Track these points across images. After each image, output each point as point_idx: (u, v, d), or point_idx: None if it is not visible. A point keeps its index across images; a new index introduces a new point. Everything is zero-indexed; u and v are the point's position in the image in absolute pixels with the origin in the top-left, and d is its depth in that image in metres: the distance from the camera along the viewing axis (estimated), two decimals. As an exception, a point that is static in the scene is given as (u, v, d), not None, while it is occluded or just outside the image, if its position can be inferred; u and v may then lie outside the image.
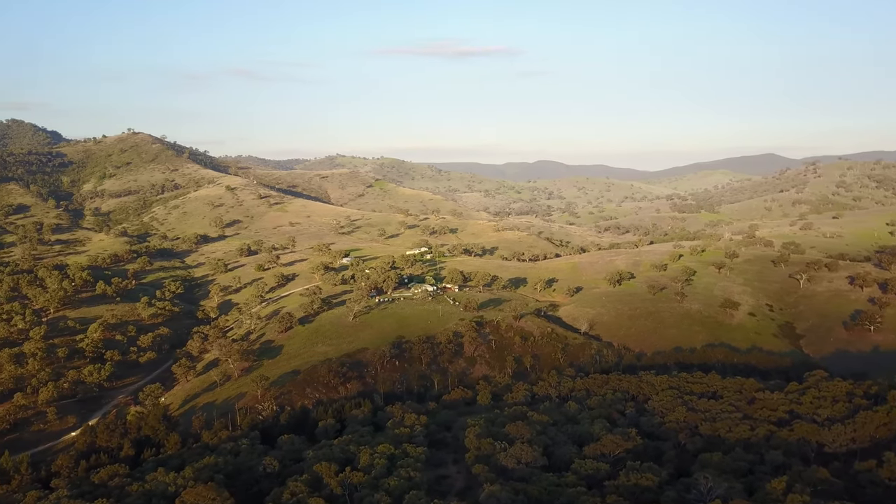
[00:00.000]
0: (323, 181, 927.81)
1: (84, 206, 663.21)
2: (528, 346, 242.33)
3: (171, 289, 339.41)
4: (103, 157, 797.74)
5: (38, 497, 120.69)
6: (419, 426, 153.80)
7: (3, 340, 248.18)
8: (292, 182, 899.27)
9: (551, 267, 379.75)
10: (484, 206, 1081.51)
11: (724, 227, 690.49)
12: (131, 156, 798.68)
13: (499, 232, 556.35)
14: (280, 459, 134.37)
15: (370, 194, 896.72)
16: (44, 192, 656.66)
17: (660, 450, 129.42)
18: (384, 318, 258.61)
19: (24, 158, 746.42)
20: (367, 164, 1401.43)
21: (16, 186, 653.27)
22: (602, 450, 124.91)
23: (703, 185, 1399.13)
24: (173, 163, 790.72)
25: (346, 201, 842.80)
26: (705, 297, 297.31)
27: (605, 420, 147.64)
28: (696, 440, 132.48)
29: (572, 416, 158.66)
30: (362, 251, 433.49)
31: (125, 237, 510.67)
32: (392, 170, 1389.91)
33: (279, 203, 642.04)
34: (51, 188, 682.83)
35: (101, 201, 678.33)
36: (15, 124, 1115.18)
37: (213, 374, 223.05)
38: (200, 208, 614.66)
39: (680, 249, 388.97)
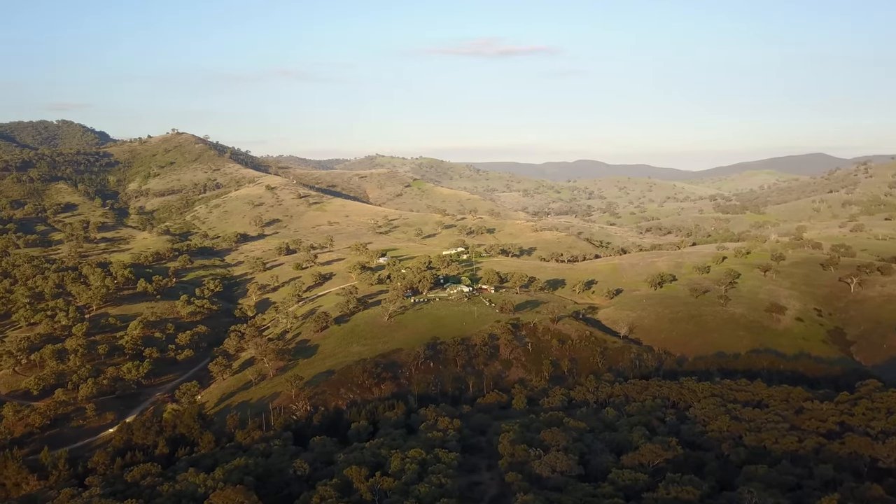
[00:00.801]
0: (362, 181, 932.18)
1: (129, 204, 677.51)
2: (565, 349, 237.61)
3: (210, 287, 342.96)
4: (148, 157, 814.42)
5: (72, 495, 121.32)
6: (452, 430, 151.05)
7: (47, 336, 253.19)
8: (332, 182, 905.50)
9: (590, 268, 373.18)
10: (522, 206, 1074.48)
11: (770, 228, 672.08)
12: (175, 156, 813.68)
13: (537, 232, 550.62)
14: (311, 462, 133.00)
15: (408, 194, 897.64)
16: (91, 191, 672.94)
17: (701, 461, 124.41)
18: (419, 319, 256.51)
19: (73, 158, 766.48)
20: (406, 163, 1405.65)
21: (64, 186, 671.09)
22: (641, 459, 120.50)
23: (747, 186, 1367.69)
24: (215, 162, 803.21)
25: (384, 201, 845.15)
26: (750, 300, 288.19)
27: (644, 428, 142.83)
28: (740, 451, 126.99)
29: (610, 422, 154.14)
30: (399, 251, 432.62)
31: (167, 235, 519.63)
32: (430, 170, 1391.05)
33: (318, 202, 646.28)
34: (98, 187, 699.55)
35: (145, 200, 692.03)
36: (65, 125, 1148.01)
37: (248, 372, 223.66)
38: (241, 207, 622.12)
39: (724, 251, 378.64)
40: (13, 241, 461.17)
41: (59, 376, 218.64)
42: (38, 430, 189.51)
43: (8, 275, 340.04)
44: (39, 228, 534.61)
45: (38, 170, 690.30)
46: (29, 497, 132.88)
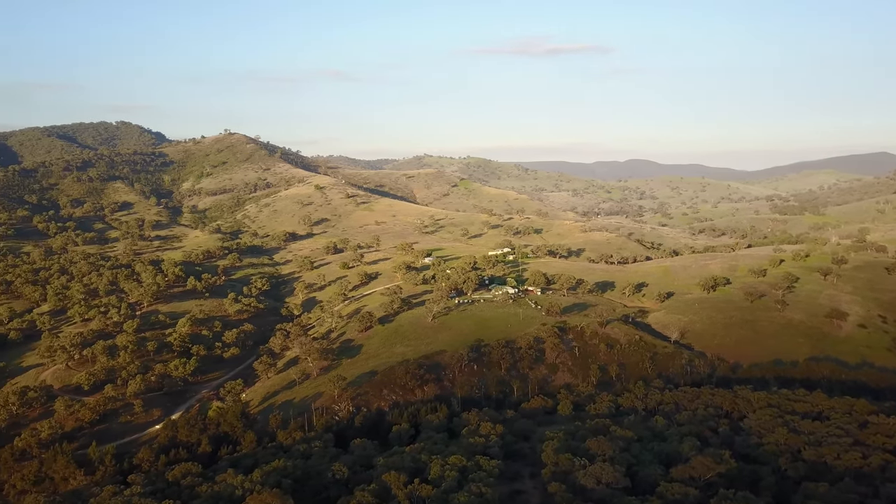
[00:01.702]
0: (409, 181, 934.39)
1: (182, 203, 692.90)
2: (613, 354, 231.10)
3: (257, 285, 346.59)
4: (201, 157, 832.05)
5: (114, 492, 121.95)
6: (495, 436, 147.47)
7: (100, 332, 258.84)
8: (379, 182, 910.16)
9: (641, 270, 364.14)
10: (571, 206, 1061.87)
11: (831, 230, 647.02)
12: (227, 156, 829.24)
13: (586, 233, 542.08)
14: (350, 465, 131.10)
15: (455, 194, 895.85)
16: (146, 190, 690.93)
17: (757, 475, 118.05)
18: (463, 320, 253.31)
19: (130, 158, 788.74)
20: (454, 163, 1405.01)
21: (122, 185, 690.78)
22: (691, 472, 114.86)
23: (806, 186, 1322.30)
24: (266, 162, 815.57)
25: (430, 201, 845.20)
26: (809, 305, 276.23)
27: (695, 438, 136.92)
28: (798, 466, 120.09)
29: (659, 432, 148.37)
30: (444, 251, 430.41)
31: (219, 234, 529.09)
32: (478, 169, 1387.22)
33: (366, 202, 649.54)
34: (153, 186, 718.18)
35: (198, 199, 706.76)
36: (123, 126, 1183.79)
37: (292, 372, 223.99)
38: (290, 206, 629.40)
39: (781, 254, 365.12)
40: (72, 239, 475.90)
41: (109, 372, 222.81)
42: (88, 425, 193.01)
43: (65, 271, 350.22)
44: (97, 226, 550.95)
45: (97, 169, 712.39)
46: (75, 492, 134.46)
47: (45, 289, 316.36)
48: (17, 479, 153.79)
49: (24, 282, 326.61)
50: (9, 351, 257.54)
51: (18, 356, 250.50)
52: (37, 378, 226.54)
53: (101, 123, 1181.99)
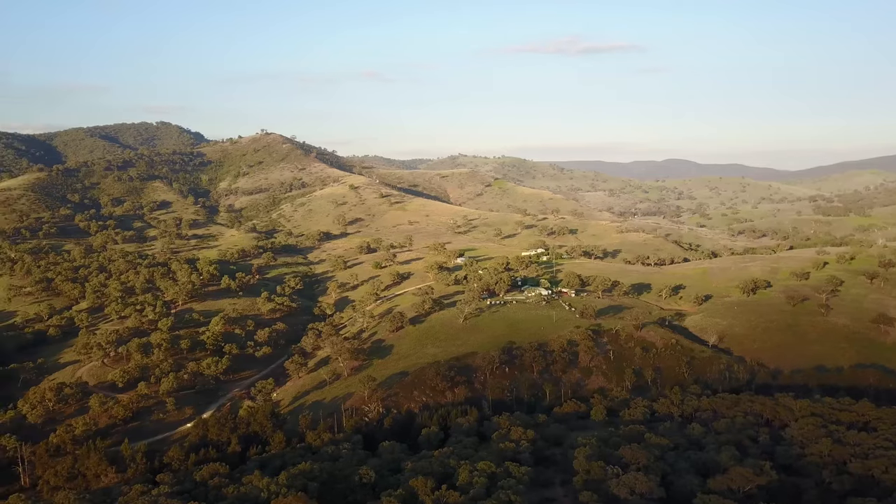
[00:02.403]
0: (443, 181, 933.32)
1: (219, 202, 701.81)
2: (649, 358, 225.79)
3: (291, 284, 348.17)
4: (238, 157, 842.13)
5: (142, 492, 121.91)
6: (525, 441, 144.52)
7: (135, 330, 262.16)
8: (413, 181, 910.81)
9: (678, 272, 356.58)
10: (608, 206, 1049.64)
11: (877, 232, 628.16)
12: (263, 155, 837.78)
13: (622, 233, 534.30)
14: (377, 469, 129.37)
15: (489, 193, 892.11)
16: (184, 189, 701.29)
17: (799, 489, 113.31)
18: (495, 322, 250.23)
19: (169, 158, 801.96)
20: (488, 163, 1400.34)
21: (161, 184, 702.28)
22: (730, 484, 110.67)
23: (850, 186, 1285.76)
24: (301, 162, 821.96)
25: (464, 200, 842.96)
26: (854, 310, 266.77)
27: (733, 447, 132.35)
28: (843, 479, 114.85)
29: (696, 440, 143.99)
30: (477, 251, 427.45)
31: (254, 233, 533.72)
32: (513, 169, 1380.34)
33: (399, 202, 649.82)
34: (191, 185, 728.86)
35: (234, 198, 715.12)
36: (163, 126, 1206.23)
37: (323, 371, 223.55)
38: (325, 206, 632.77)
39: (824, 256, 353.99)
40: (112, 237, 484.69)
41: (143, 370, 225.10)
42: (121, 422, 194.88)
43: (104, 269, 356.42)
44: (136, 225, 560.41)
45: (137, 169, 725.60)
46: (105, 490, 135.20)
47: (84, 286, 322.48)
48: (51, 475, 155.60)
49: (64, 279, 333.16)
50: (48, 347, 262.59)
51: (57, 353, 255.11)
52: (73, 374, 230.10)
53: (142, 124, 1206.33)
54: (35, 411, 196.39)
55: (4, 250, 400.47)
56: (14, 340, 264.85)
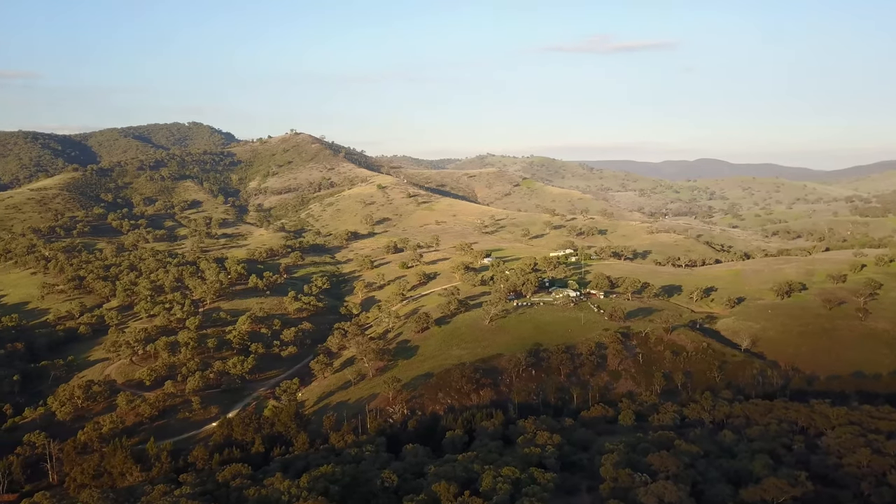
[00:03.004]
0: (471, 180, 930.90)
1: (249, 202, 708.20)
2: (679, 361, 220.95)
3: (318, 284, 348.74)
4: (268, 157, 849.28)
5: (165, 492, 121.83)
6: (551, 446, 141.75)
7: (163, 328, 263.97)
8: (441, 181, 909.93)
9: (710, 274, 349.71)
10: (638, 207, 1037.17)
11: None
12: (292, 155, 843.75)
13: (652, 234, 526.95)
14: (400, 473, 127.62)
15: (517, 193, 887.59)
16: (214, 188, 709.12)
17: (836, 500, 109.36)
18: (522, 324, 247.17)
19: (200, 158, 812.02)
20: (517, 162, 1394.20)
21: (191, 184, 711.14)
22: (763, 495, 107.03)
23: (889, 186, 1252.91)
24: (330, 162, 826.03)
25: (492, 200, 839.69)
26: (894, 314, 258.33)
27: (767, 456, 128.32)
28: (882, 492, 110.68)
29: (728, 447, 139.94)
30: (504, 251, 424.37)
31: (283, 232, 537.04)
32: (542, 168, 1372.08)
33: (427, 202, 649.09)
34: (221, 185, 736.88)
35: (263, 198, 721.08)
36: (195, 126, 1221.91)
37: (348, 372, 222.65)
38: (353, 206, 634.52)
39: (862, 258, 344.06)
40: (143, 236, 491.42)
41: (170, 368, 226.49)
42: (147, 421, 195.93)
43: (134, 268, 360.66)
44: (167, 224, 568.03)
45: (168, 169, 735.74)
46: (129, 489, 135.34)
47: (114, 285, 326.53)
48: (78, 473, 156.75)
49: (96, 278, 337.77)
50: (78, 345, 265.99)
51: (87, 350, 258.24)
52: (102, 372, 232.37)
53: (174, 124, 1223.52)
54: (64, 409, 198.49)
55: (39, 249, 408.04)
56: (46, 338, 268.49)
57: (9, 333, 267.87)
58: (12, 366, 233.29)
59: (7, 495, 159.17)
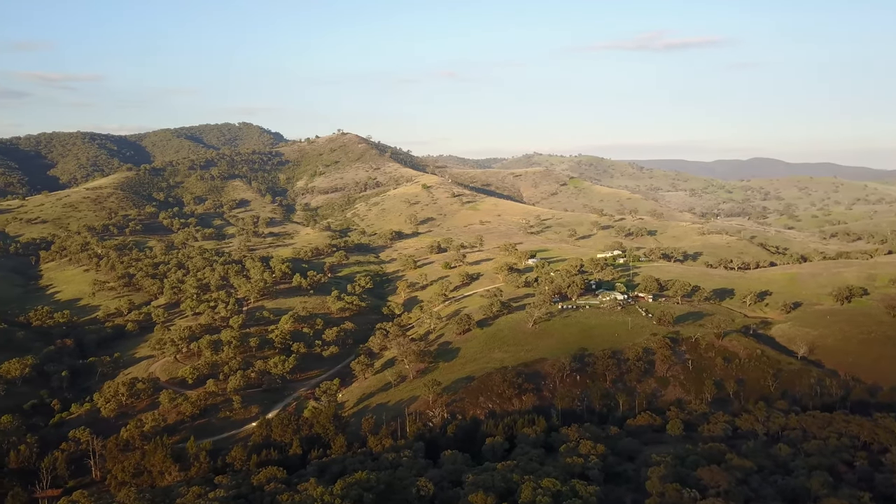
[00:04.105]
0: (516, 180, 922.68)
1: (296, 201, 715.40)
2: (731, 369, 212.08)
3: (361, 283, 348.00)
4: (315, 157, 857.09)
5: (199, 494, 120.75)
6: (595, 457, 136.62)
7: (207, 326, 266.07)
8: (486, 181, 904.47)
9: (764, 277, 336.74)
10: (689, 207, 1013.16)
11: None
12: (339, 155, 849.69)
13: (704, 235, 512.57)
14: (437, 481, 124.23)
15: (564, 193, 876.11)
16: (263, 188, 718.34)
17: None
18: (566, 327, 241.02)
19: (249, 157, 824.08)
20: (564, 161, 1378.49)
21: (240, 183, 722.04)
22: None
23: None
24: (376, 161, 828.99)
25: (538, 200, 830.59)
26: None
27: (826, 473, 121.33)
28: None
29: (783, 462, 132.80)
30: (550, 252, 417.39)
31: (328, 231, 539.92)
32: (589, 167, 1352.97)
33: (471, 201, 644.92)
34: (269, 184, 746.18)
35: (310, 197, 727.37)
36: (245, 126, 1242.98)
37: (388, 373, 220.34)
38: (398, 205, 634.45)
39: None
40: (192, 235, 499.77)
41: (212, 367, 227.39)
42: (189, 419, 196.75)
43: (182, 266, 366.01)
44: (216, 223, 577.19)
45: (218, 168, 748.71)
46: (165, 490, 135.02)
47: (162, 282, 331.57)
48: (119, 471, 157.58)
49: (145, 275, 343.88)
50: (126, 342, 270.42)
51: (133, 347, 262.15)
52: (147, 369, 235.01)
53: (225, 124, 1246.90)
54: (108, 405, 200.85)
55: (92, 246, 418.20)
56: (95, 334, 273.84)
57: (60, 329, 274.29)
58: (62, 362, 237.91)
59: (51, 490, 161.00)
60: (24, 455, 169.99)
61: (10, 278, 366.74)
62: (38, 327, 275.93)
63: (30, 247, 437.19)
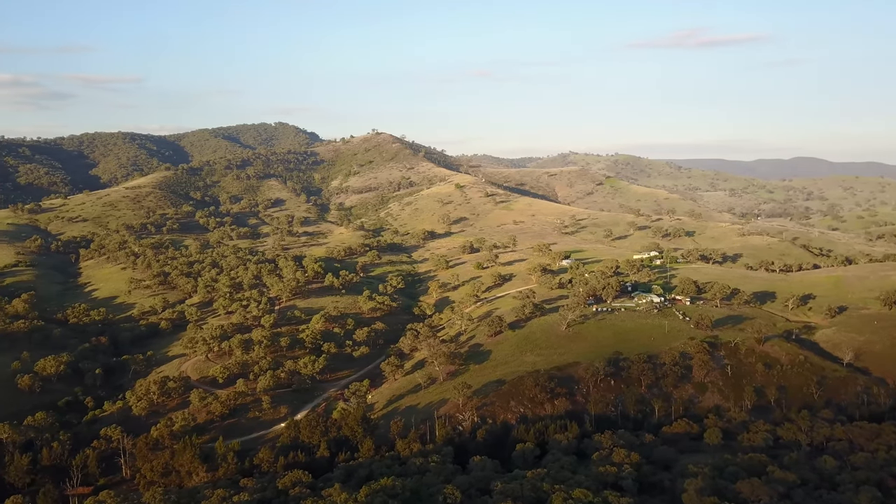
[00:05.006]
0: (551, 179, 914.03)
1: (330, 200, 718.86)
2: (772, 375, 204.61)
3: (392, 283, 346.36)
4: (349, 156, 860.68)
5: (223, 497, 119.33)
6: (629, 466, 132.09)
7: (238, 326, 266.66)
8: (521, 180, 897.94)
9: (807, 280, 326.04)
10: (728, 207, 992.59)
11: None
12: (373, 155, 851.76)
13: (744, 236, 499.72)
14: (465, 488, 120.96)
15: (599, 192, 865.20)
16: (297, 187, 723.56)
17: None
18: (601, 330, 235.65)
19: (284, 157, 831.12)
20: (600, 161, 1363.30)
21: (276, 182, 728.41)
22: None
23: None
24: (410, 161, 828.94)
25: (573, 200, 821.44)
26: None
27: (875, 489, 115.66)
28: None
29: (828, 476, 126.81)
30: (585, 253, 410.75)
31: (362, 231, 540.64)
32: (626, 167, 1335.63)
33: (505, 201, 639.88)
34: (304, 184, 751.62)
35: (345, 197, 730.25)
36: (281, 126, 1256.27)
37: (418, 375, 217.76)
38: (431, 205, 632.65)
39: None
40: (228, 234, 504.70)
41: (242, 366, 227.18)
42: (218, 419, 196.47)
43: (216, 265, 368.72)
44: (251, 222, 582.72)
45: (254, 168, 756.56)
46: (191, 491, 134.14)
47: (196, 281, 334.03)
48: (148, 470, 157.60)
49: (179, 274, 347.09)
50: (159, 340, 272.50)
51: (166, 345, 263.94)
52: (178, 368, 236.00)
53: (262, 124, 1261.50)
54: (140, 404, 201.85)
55: (130, 245, 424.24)
56: (129, 332, 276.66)
57: (95, 327, 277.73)
58: (96, 359, 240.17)
59: (82, 488, 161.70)
60: (57, 452, 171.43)
61: (51, 276, 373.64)
62: (74, 325, 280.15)
63: (70, 245, 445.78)
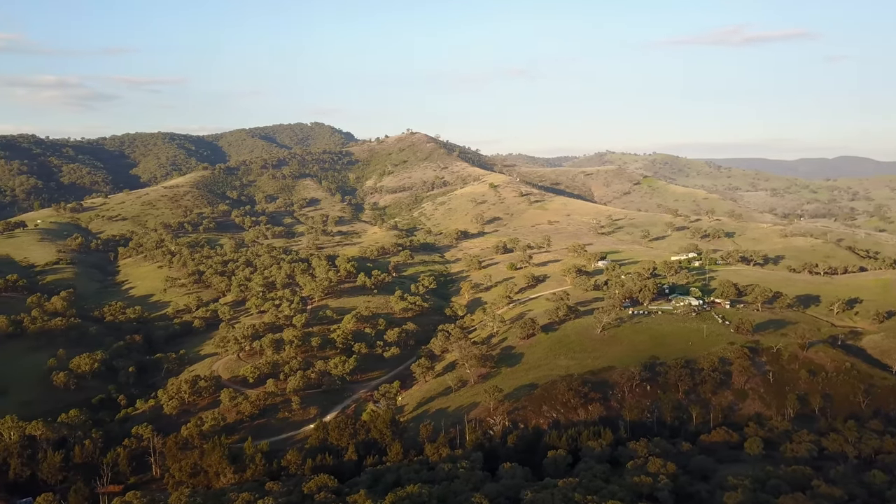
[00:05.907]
0: (587, 179, 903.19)
1: (364, 200, 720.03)
2: (816, 383, 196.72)
3: (424, 283, 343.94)
4: (384, 156, 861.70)
5: (248, 500, 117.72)
6: (665, 476, 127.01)
7: (270, 325, 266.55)
8: (556, 180, 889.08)
9: (853, 283, 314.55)
10: (769, 208, 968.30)
11: None
12: (407, 154, 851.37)
13: (786, 238, 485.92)
14: (493, 497, 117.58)
15: (637, 192, 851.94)
16: (332, 187, 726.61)
17: None
18: (637, 334, 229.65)
19: (319, 157, 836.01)
20: (638, 160, 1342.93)
21: (311, 182, 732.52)
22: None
23: None
24: (444, 161, 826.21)
25: (609, 199, 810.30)
26: None
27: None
28: None
29: (878, 491, 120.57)
30: (621, 254, 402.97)
31: (395, 231, 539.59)
32: (664, 166, 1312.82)
33: (539, 201, 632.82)
34: (338, 184, 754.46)
35: (379, 196, 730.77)
36: (317, 126, 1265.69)
37: (448, 378, 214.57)
38: (464, 205, 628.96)
39: None
40: (263, 233, 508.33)
41: (273, 366, 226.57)
42: (248, 419, 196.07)
43: (250, 264, 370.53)
44: (286, 221, 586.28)
45: (289, 167, 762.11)
46: (217, 493, 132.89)
47: (230, 280, 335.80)
48: (177, 470, 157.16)
49: (214, 272, 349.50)
50: (192, 338, 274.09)
51: (199, 344, 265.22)
52: (210, 367, 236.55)
53: (298, 124, 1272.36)
54: (171, 402, 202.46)
55: (166, 243, 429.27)
56: (163, 330, 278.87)
57: (130, 325, 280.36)
58: (130, 357, 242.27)
59: (112, 486, 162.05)
60: (89, 450, 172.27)
61: (90, 274, 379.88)
62: (110, 322, 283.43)
63: (109, 243, 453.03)
